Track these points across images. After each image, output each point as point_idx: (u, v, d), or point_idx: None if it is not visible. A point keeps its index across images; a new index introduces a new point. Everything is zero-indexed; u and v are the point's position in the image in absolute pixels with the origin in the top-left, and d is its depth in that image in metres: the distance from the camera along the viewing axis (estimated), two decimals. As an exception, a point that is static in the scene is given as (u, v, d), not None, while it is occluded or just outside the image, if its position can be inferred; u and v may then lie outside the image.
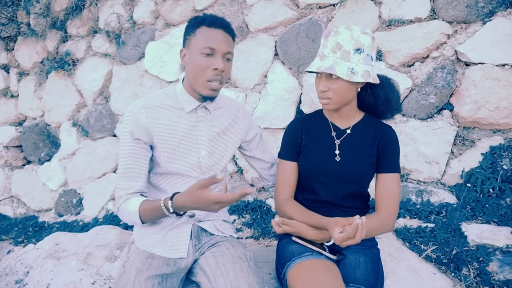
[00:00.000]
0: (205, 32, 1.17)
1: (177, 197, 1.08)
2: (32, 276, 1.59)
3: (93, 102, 3.61)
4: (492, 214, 2.02)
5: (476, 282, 1.54)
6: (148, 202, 1.17)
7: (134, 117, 1.22)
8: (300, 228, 1.25)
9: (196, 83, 1.21)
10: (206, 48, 1.16)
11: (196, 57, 1.18)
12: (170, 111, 1.27)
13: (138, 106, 1.24)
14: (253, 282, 1.12)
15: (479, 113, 2.20)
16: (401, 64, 2.44)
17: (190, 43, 1.20)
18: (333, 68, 1.15)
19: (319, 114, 1.44)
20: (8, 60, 4.06)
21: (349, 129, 1.35)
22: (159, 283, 1.11)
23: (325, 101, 1.24)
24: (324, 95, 1.23)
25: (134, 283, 1.08)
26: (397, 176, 1.29)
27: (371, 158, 1.31)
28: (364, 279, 1.15)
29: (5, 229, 3.55)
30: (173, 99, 1.29)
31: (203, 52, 1.16)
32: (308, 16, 2.72)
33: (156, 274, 1.13)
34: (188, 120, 1.29)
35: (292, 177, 1.39)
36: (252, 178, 2.93)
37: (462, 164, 2.29)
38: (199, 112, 1.31)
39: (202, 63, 1.17)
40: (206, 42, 1.16)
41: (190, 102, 1.28)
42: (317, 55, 1.24)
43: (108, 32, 3.41)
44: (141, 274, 1.11)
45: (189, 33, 1.21)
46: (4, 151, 4.07)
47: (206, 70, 1.18)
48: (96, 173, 3.55)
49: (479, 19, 2.23)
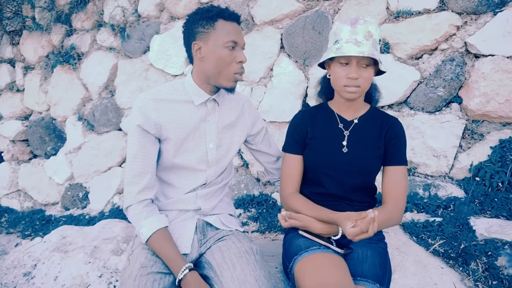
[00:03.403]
0: (225, 25, 1.18)
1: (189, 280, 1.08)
2: (40, 269, 1.60)
3: (99, 96, 3.62)
4: (501, 208, 2.00)
5: (484, 277, 1.52)
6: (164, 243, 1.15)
7: (143, 111, 1.20)
8: (307, 222, 1.24)
9: (219, 76, 1.21)
10: (230, 42, 1.17)
11: (221, 50, 1.17)
12: (180, 104, 1.26)
13: (147, 99, 1.22)
14: (260, 275, 1.12)
15: (488, 106, 2.16)
16: (409, 56, 2.40)
17: (208, 37, 1.18)
18: (375, 54, 1.13)
19: (324, 107, 1.42)
20: (13, 54, 4.08)
21: (357, 119, 1.34)
22: (160, 278, 1.11)
23: (353, 89, 1.20)
24: (355, 82, 1.19)
25: (136, 277, 1.08)
26: (404, 169, 1.28)
27: (378, 150, 1.30)
28: (371, 273, 1.14)
29: (13, 222, 3.59)
30: (182, 93, 1.28)
31: (228, 46, 1.17)
32: (314, 8, 2.68)
33: (159, 270, 1.13)
34: (198, 113, 1.28)
35: (297, 170, 1.38)
36: (258, 172, 2.92)
37: (471, 158, 2.26)
38: (209, 105, 1.30)
39: (228, 56, 1.18)
40: (229, 36, 1.17)
41: (200, 95, 1.27)
42: (342, 42, 1.18)
43: (113, 26, 3.40)
44: (145, 269, 1.11)
45: (204, 25, 1.18)
46: (10, 145, 4.09)
47: (232, 63, 1.20)
48: (102, 167, 3.56)
49: (489, 10, 2.19)
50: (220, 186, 1.41)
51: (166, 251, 1.13)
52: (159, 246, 1.15)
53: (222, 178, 1.42)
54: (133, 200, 1.20)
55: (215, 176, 1.35)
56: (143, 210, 1.19)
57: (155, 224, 1.17)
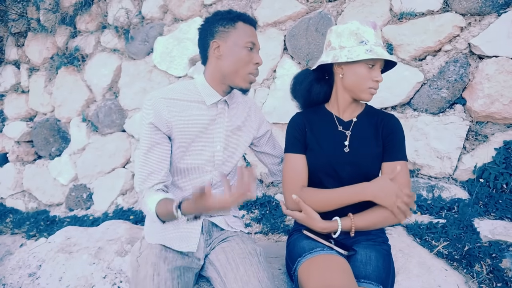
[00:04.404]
0: (245, 27, 1.22)
1: (184, 206, 1.04)
2: (45, 269, 1.61)
3: (102, 97, 3.63)
4: (505, 210, 1.98)
5: (489, 279, 1.52)
6: (163, 205, 1.11)
7: (155, 108, 1.20)
8: (309, 212, 1.25)
9: (236, 75, 1.23)
10: (249, 42, 1.21)
11: (240, 50, 1.20)
12: (191, 104, 1.27)
13: (158, 97, 1.22)
14: (263, 277, 1.12)
15: (492, 107, 2.15)
16: (412, 57, 2.40)
17: (228, 36, 1.21)
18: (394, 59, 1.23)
19: (320, 108, 1.42)
20: (18, 56, 4.11)
21: (355, 118, 1.36)
22: (178, 276, 1.11)
23: (374, 91, 1.26)
24: (378, 85, 1.25)
25: (153, 276, 1.08)
26: (404, 164, 1.27)
27: (378, 148, 1.30)
28: (375, 275, 1.14)
29: (17, 223, 3.61)
30: (193, 92, 1.28)
31: (247, 46, 1.21)
32: (317, 10, 2.68)
33: (174, 267, 1.13)
34: (208, 114, 1.28)
35: (304, 169, 1.34)
36: (261, 173, 2.92)
37: (475, 159, 2.25)
38: (219, 106, 1.31)
39: (246, 57, 1.21)
40: (249, 37, 1.21)
41: (212, 95, 1.28)
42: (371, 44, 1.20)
43: (117, 28, 3.42)
44: (159, 267, 1.11)
45: (225, 25, 1.21)
46: (15, 146, 4.12)
47: (249, 64, 1.22)
48: (106, 168, 3.58)
49: (494, 11, 2.18)
50: (226, 188, 1.41)
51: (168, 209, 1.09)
52: (161, 209, 1.11)
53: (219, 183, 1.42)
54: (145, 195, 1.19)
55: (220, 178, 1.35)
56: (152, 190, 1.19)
57: (160, 196, 1.15)
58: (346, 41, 1.23)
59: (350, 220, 1.24)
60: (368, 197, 1.19)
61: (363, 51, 1.18)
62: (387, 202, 1.16)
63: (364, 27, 1.21)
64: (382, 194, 1.17)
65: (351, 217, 1.24)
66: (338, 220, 1.24)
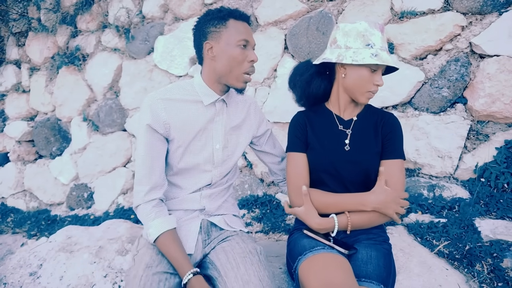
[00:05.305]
0: (236, 24, 1.19)
1: (194, 284, 1.08)
2: (46, 268, 1.61)
3: (103, 97, 3.64)
4: (506, 209, 1.98)
5: (490, 278, 1.51)
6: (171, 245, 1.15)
7: (152, 110, 1.21)
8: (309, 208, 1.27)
9: (230, 76, 1.21)
10: (242, 40, 1.18)
11: (233, 49, 1.18)
12: (189, 104, 1.27)
13: (156, 98, 1.22)
14: (264, 276, 1.12)
15: (493, 106, 2.15)
16: (413, 57, 2.39)
17: (220, 36, 1.19)
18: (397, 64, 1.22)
19: (320, 107, 1.43)
20: (19, 55, 4.11)
21: (355, 117, 1.37)
22: (166, 279, 1.11)
23: (371, 95, 1.27)
24: (377, 89, 1.26)
25: (141, 277, 1.08)
26: (401, 162, 1.28)
27: (378, 146, 1.31)
28: (376, 274, 1.14)
29: (18, 222, 3.62)
30: (191, 92, 1.28)
31: (240, 45, 1.18)
32: (318, 9, 2.68)
33: (164, 270, 1.13)
34: (206, 114, 1.28)
35: (305, 168, 1.35)
36: (262, 172, 2.92)
37: (476, 159, 2.25)
38: (217, 105, 1.30)
39: (240, 55, 1.19)
40: (241, 34, 1.18)
41: (209, 95, 1.28)
42: (377, 48, 1.20)
43: (118, 27, 3.42)
44: (150, 269, 1.11)
45: (216, 25, 1.19)
46: (16, 146, 4.13)
47: (243, 63, 1.20)
48: (107, 167, 3.58)
49: (495, 10, 2.17)
50: (225, 187, 1.41)
51: (173, 253, 1.14)
52: (166, 247, 1.15)
53: (227, 179, 1.42)
54: (141, 200, 1.20)
55: (220, 176, 1.35)
56: (152, 210, 1.20)
57: (163, 225, 1.17)
58: (352, 42, 1.22)
59: (346, 217, 1.24)
60: (369, 209, 1.23)
61: (368, 55, 1.18)
62: (388, 212, 1.22)
63: (372, 30, 1.20)
64: (381, 206, 1.21)
65: (347, 215, 1.25)
66: (335, 217, 1.25)
